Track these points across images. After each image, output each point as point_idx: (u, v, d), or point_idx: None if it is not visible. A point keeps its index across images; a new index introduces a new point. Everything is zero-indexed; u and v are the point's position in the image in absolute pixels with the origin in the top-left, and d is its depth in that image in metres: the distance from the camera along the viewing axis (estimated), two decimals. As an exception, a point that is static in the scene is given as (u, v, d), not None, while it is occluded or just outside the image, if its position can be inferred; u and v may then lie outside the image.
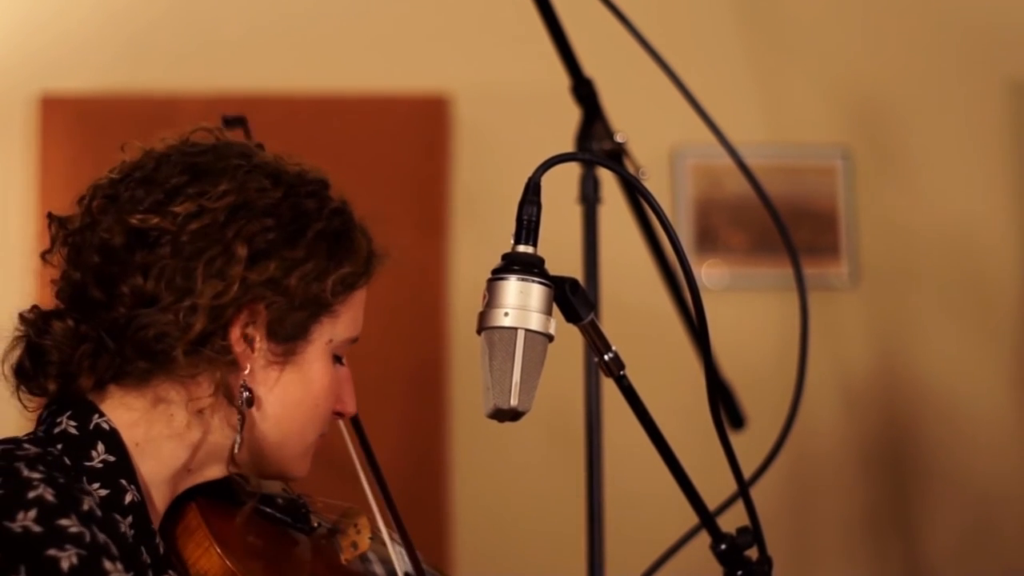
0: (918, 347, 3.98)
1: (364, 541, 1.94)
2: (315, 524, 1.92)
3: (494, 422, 1.57)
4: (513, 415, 1.54)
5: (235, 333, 1.67)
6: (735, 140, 2.60)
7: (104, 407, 1.67)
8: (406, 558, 1.92)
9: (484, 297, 1.55)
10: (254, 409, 1.70)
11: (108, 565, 1.49)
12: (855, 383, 3.96)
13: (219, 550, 1.70)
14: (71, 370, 1.66)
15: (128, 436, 1.67)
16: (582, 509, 2.52)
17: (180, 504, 1.75)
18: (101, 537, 1.51)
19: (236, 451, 1.70)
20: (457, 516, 3.76)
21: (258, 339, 1.69)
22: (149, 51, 3.87)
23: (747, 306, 3.93)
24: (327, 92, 3.83)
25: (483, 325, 1.54)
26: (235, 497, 1.84)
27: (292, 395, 1.73)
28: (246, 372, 1.69)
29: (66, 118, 3.70)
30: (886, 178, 4.01)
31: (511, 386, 1.52)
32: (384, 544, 1.97)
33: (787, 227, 2.57)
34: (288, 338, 1.71)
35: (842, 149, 3.99)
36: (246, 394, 1.69)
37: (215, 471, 1.76)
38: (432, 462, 3.75)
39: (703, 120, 2.55)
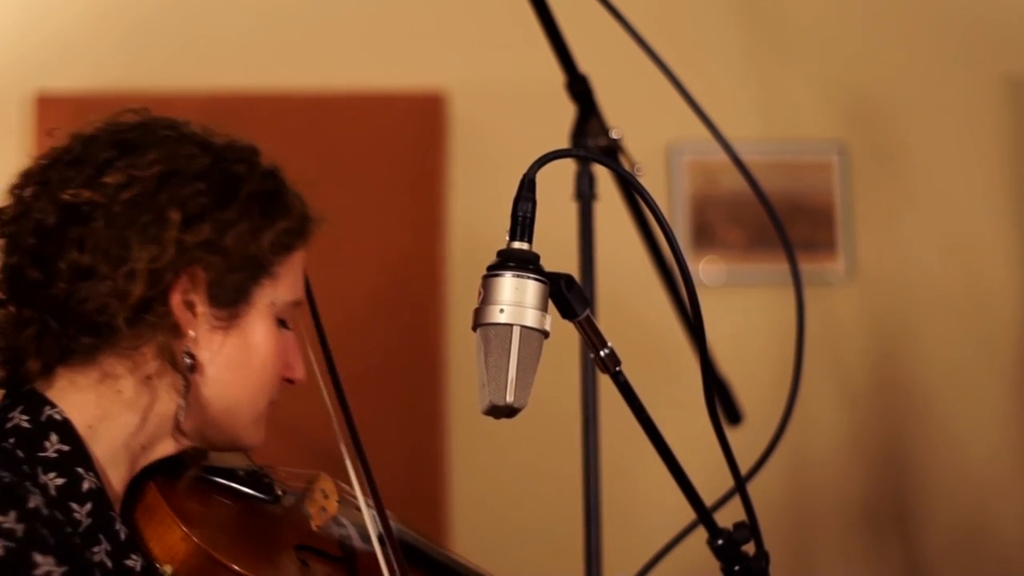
0: (914, 342, 3.98)
1: (333, 505, 1.94)
2: (280, 493, 1.91)
3: (491, 418, 1.57)
4: (509, 411, 1.54)
5: (175, 299, 1.68)
6: (731, 136, 2.60)
7: (53, 393, 1.68)
8: (378, 519, 1.91)
9: (479, 294, 1.55)
10: (199, 375, 1.71)
11: (38, 558, 1.49)
12: (852, 379, 3.96)
13: (183, 527, 1.69)
14: (18, 355, 1.68)
15: (80, 420, 1.67)
16: (579, 504, 2.53)
17: (138, 485, 1.75)
18: (42, 533, 1.51)
19: (182, 417, 1.70)
20: (455, 512, 3.77)
21: (199, 304, 1.70)
22: (145, 49, 3.86)
23: (744, 302, 3.93)
24: (323, 90, 3.83)
25: (478, 321, 1.54)
26: (193, 474, 1.84)
27: (237, 359, 1.73)
28: (189, 338, 1.69)
29: (62, 117, 3.69)
30: (882, 174, 4.01)
31: (507, 382, 1.52)
32: (354, 507, 1.96)
33: (783, 223, 2.57)
34: (229, 302, 1.72)
35: (838, 145, 3.99)
36: (189, 360, 1.69)
37: (169, 446, 1.76)
38: (429, 459, 3.76)
39: (699, 116, 2.55)
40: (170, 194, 1.67)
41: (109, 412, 1.69)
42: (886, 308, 3.99)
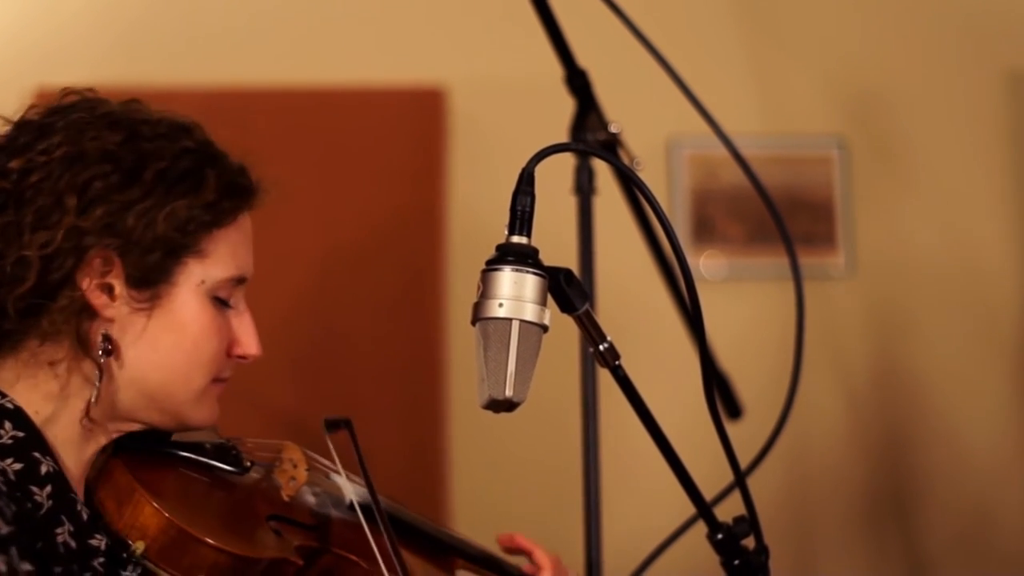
0: (914, 336, 3.98)
1: (302, 474, 1.94)
2: (248, 464, 1.91)
3: (490, 413, 1.57)
4: (508, 406, 1.54)
5: (86, 283, 1.67)
6: (731, 130, 2.60)
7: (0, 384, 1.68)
8: (353, 484, 1.91)
9: (478, 288, 1.55)
10: (120, 359, 1.70)
11: None
12: (852, 373, 3.96)
13: (152, 502, 1.69)
14: None
15: (28, 406, 1.68)
16: (579, 498, 2.53)
17: (105, 463, 1.75)
18: None
19: (94, 402, 1.69)
20: (455, 506, 3.77)
21: (118, 287, 1.69)
22: (145, 44, 3.86)
23: (745, 296, 3.93)
24: (322, 85, 3.83)
25: (477, 316, 1.54)
26: (157, 450, 1.84)
27: (165, 340, 1.72)
28: (106, 320, 1.69)
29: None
30: (883, 168, 4.01)
31: (506, 377, 1.52)
32: (324, 475, 1.96)
33: (783, 217, 2.57)
34: (148, 283, 1.70)
35: (838, 139, 3.98)
36: (104, 344, 1.68)
37: (117, 428, 1.76)
38: (430, 453, 3.75)
39: (698, 111, 2.55)
40: (71, 178, 1.67)
41: (49, 395, 1.70)
42: (886, 302, 3.99)
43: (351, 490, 1.92)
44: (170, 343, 1.73)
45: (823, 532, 3.93)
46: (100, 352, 1.68)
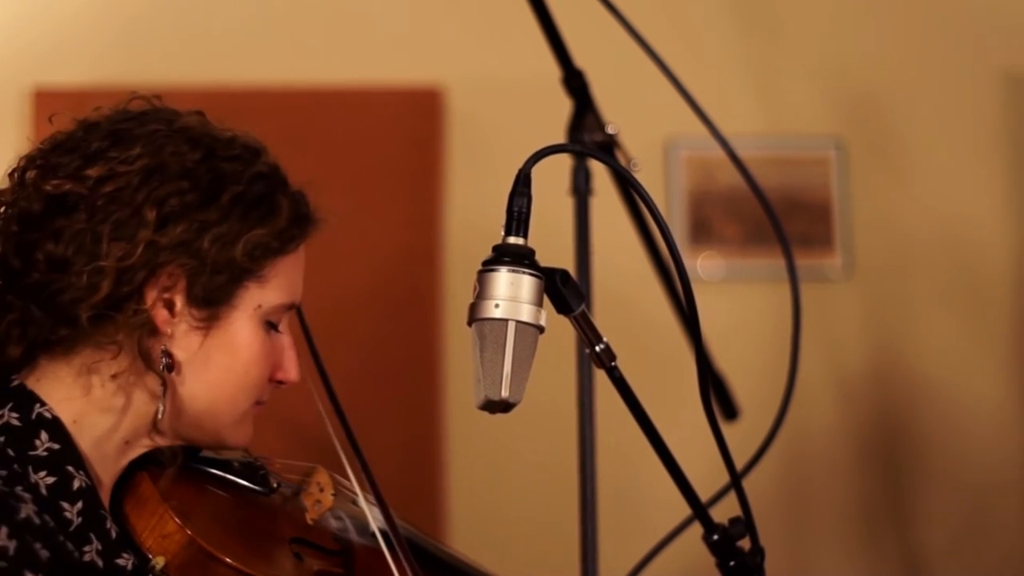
0: (912, 338, 3.98)
1: (328, 498, 1.93)
2: (275, 485, 1.91)
3: (487, 413, 1.57)
4: (504, 407, 1.54)
5: (151, 297, 1.67)
6: (728, 132, 2.60)
7: (40, 387, 1.68)
8: (377, 511, 1.91)
9: (475, 288, 1.55)
10: (177, 375, 1.70)
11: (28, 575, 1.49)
12: (849, 374, 3.97)
13: (176, 519, 1.69)
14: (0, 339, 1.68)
15: (66, 415, 1.67)
16: (575, 499, 2.53)
17: (130, 476, 1.75)
18: (33, 548, 1.51)
19: (160, 417, 1.69)
20: (452, 506, 3.77)
21: (179, 304, 1.69)
22: (143, 44, 3.86)
23: (742, 298, 3.93)
24: (320, 84, 3.83)
25: (474, 317, 1.54)
26: (186, 465, 1.83)
27: (218, 361, 1.72)
28: (168, 337, 1.69)
29: (60, 111, 3.69)
30: (880, 169, 4.01)
31: (502, 377, 1.52)
32: (350, 501, 1.96)
33: (780, 218, 2.57)
34: (210, 303, 1.71)
35: (836, 140, 3.99)
36: (166, 359, 1.69)
37: (154, 442, 1.76)
38: (427, 453, 3.76)
39: (696, 112, 2.55)
40: (149, 191, 1.66)
41: (92, 407, 1.69)
42: (883, 303, 3.99)
43: (376, 517, 1.91)
44: (222, 364, 1.73)
45: (819, 533, 3.93)
46: (162, 367, 1.68)
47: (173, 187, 1.68)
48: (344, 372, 3.82)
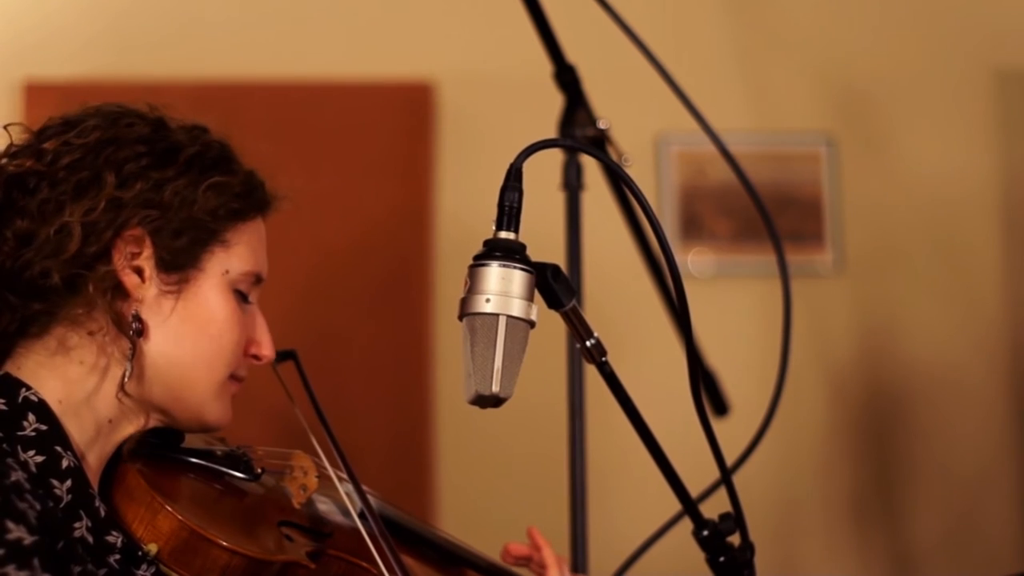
0: (902, 334, 3.99)
1: (312, 482, 1.95)
2: (259, 471, 1.92)
3: (477, 408, 1.57)
4: (495, 401, 1.54)
5: (119, 260, 1.71)
6: (719, 127, 2.60)
7: (24, 374, 1.71)
8: (356, 495, 1.92)
9: (466, 283, 1.55)
10: (148, 341, 1.73)
11: (10, 525, 1.49)
12: (840, 370, 3.97)
13: (166, 505, 1.70)
14: None
15: (50, 396, 1.70)
16: (565, 494, 2.53)
17: (116, 468, 1.77)
18: (20, 506, 1.52)
19: (126, 378, 1.71)
20: (441, 501, 3.77)
21: (147, 269, 1.73)
22: (134, 37, 3.85)
23: (733, 293, 3.93)
24: (311, 79, 3.82)
25: (464, 311, 1.54)
26: (170, 456, 1.85)
27: (190, 326, 1.75)
28: (137, 300, 1.72)
29: (51, 104, 3.68)
30: (871, 165, 4.01)
31: (492, 372, 1.52)
32: (333, 485, 1.97)
33: (770, 214, 2.57)
34: (177, 266, 1.74)
35: (826, 136, 3.99)
36: (137, 324, 1.71)
37: (137, 422, 1.78)
38: (416, 448, 3.75)
39: (687, 107, 2.55)
40: (106, 157, 1.72)
41: (73, 384, 1.72)
42: (874, 299, 4.00)
43: (358, 499, 1.92)
44: (195, 329, 1.76)
45: (809, 528, 3.94)
46: (132, 332, 1.71)
47: (130, 151, 1.74)
48: (334, 367, 3.83)
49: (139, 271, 1.72)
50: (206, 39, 3.87)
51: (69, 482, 1.65)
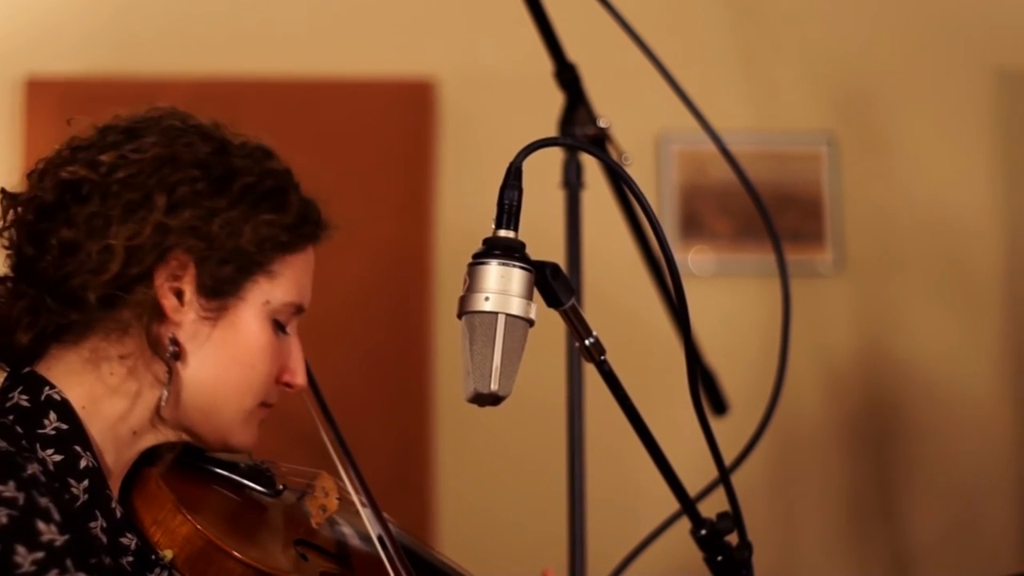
0: (902, 334, 3.99)
1: (333, 503, 1.94)
2: (280, 488, 1.92)
3: (476, 407, 1.57)
4: (493, 400, 1.54)
5: (160, 283, 1.69)
6: (720, 126, 2.60)
7: (51, 374, 1.70)
8: (375, 519, 1.92)
9: (465, 281, 1.55)
10: (184, 365, 1.72)
11: (41, 526, 1.50)
12: (839, 369, 3.97)
13: (185, 513, 1.70)
14: (7, 326, 1.70)
15: (75, 398, 1.69)
16: (564, 493, 2.53)
17: (138, 473, 1.76)
18: (42, 501, 1.52)
19: (163, 404, 1.71)
20: (441, 500, 3.77)
21: (188, 293, 1.71)
22: (134, 34, 3.86)
23: (733, 292, 3.93)
24: (312, 76, 3.83)
25: (464, 309, 1.54)
26: (193, 465, 1.85)
27: (225, 353, 1.74)
28: (175, 324, 1.70)
29: (51, 100, 3.69)
30: (871, 165, 4.01)
31: (491, 371, 1.52)
32: (353, 507, 1.97)
33: (771, 214, 2.57)
34: (218, 293, 1.72)
35: (827, 135, 3.99)
36: (173, 347, 1.70)
37: (160, 435, 1.77)
38: (416, 447, 3.75)
39: (688, 107, 2.55)
40: (160, 178, 1.69)
41: (101, 394, 1.71)
42: (874, 299, 4.00)
43: (376, 524, 1.92)
44: (229, 356, 1.74)
45: (808, 528, 3.94)
46: (169, 355, 1.70)
47: (184, 175, 1.70)
48: (333, 365, 3.82)
49: (179, 294, 1.70)
50: (207, 35, 3.87)
51: (86, 482, 1.64)
